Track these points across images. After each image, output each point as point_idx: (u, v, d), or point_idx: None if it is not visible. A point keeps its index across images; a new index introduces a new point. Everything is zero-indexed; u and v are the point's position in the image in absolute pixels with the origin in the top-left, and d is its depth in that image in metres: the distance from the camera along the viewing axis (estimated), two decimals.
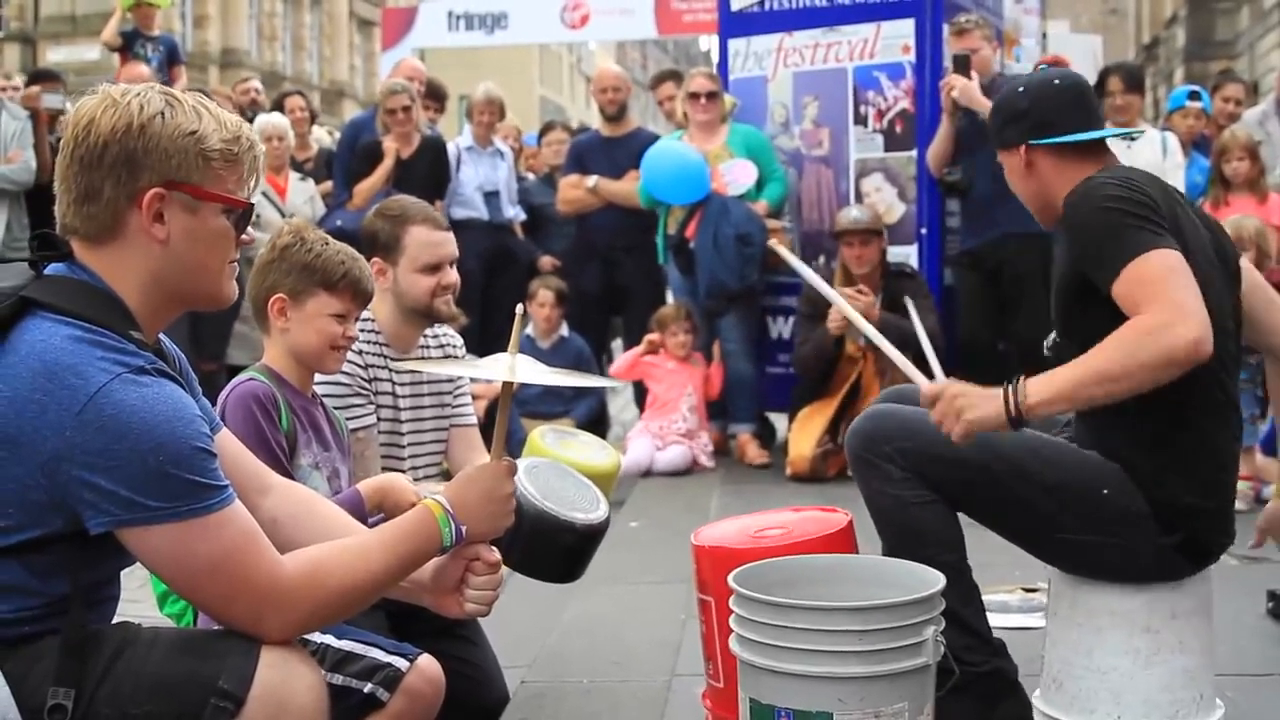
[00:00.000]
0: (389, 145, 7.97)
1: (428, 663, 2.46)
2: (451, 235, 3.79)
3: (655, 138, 7.94)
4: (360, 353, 3.58)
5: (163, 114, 2.05)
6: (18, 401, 1.94)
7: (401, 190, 7.70)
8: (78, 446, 1.91)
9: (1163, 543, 2.90)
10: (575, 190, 8.12)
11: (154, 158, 2.04)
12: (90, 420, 1.91)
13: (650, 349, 7.44)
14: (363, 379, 3.56)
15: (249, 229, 2.21)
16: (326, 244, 3.15)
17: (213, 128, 2.09)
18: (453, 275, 3.71)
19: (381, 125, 8.17)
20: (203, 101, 2.13)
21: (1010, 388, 2.80)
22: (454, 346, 3.94)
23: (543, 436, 3.60)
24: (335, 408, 3.41)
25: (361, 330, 3.62)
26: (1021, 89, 3.20)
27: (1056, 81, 3.19)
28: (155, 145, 2.04)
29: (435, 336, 3.88)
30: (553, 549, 3.02)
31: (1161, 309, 2.70)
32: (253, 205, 2.19)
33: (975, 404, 2.83)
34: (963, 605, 2.98)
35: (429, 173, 8.03)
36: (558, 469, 3.08)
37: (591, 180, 7.96)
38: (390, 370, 3.65)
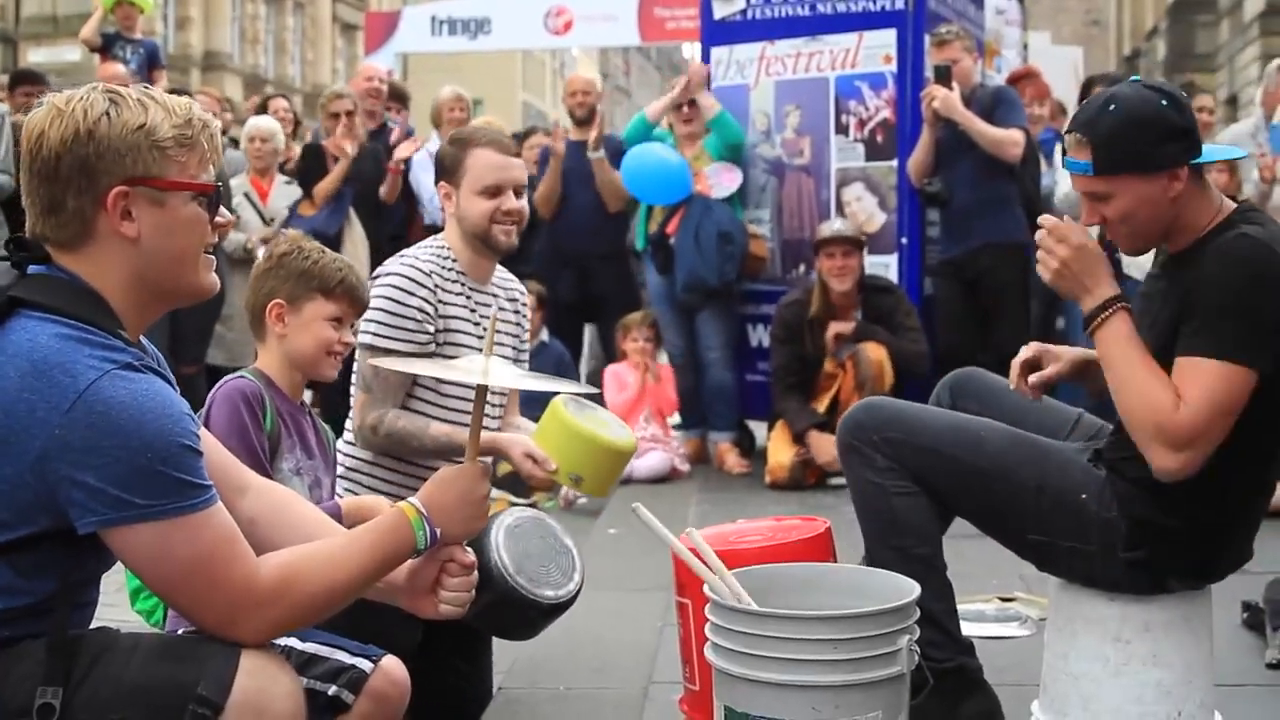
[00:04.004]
0: (336, 145, 8.03)
1: (392, 664, 2.46)
2: (520, 162, 3.75)
3: (623, 140, 7.93)
4: (430, 274, 3.57)
5: (108, 114, 2.04)
6: (6, 401, 1.94)
7: (350, 188, 7.91)
8: (67, 444, 1.92)
9: (1126, 557, 2.92)
10: (542, 187, 8.09)
11: (108, 159, 2.04)
12: (79, 417, 1.92)
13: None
14: (429, 301, 3.55)
15: (223, 211, 2.21)
16: (323, 252, 3.21)
17: (161, 116, 2.07)
18: (514, 202, 3.66)
19: (324, 129, 8.26)
20: (148, 93, 2.11)
21: (1103, 310, 2.84)
22: (521, 293, 3.94)
23: (565, 404, 3.58)
24: (387, 324, 3.44)
25: (438, 257, 3.65)
26: (1165, 102, 2.81)
27: (1184, 95, 2.90)
28: (107, 147, 2.04)
29: (506, 285, 3.85)
30: (515, 620, 3.03)
31: (1188, 422, 2.71)
32: (219, 187, 2.18)
33: (1066, 278, 2.88)
34: (933, 601, 2.99)
35: (374, 171, 8.22)
36: (541, 527, 3.04)
37: (599, 153, 7.91)
38: (474, 303, 3.65)
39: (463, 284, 3.66)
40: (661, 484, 7.13)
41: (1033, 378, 3.13)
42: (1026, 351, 3.17)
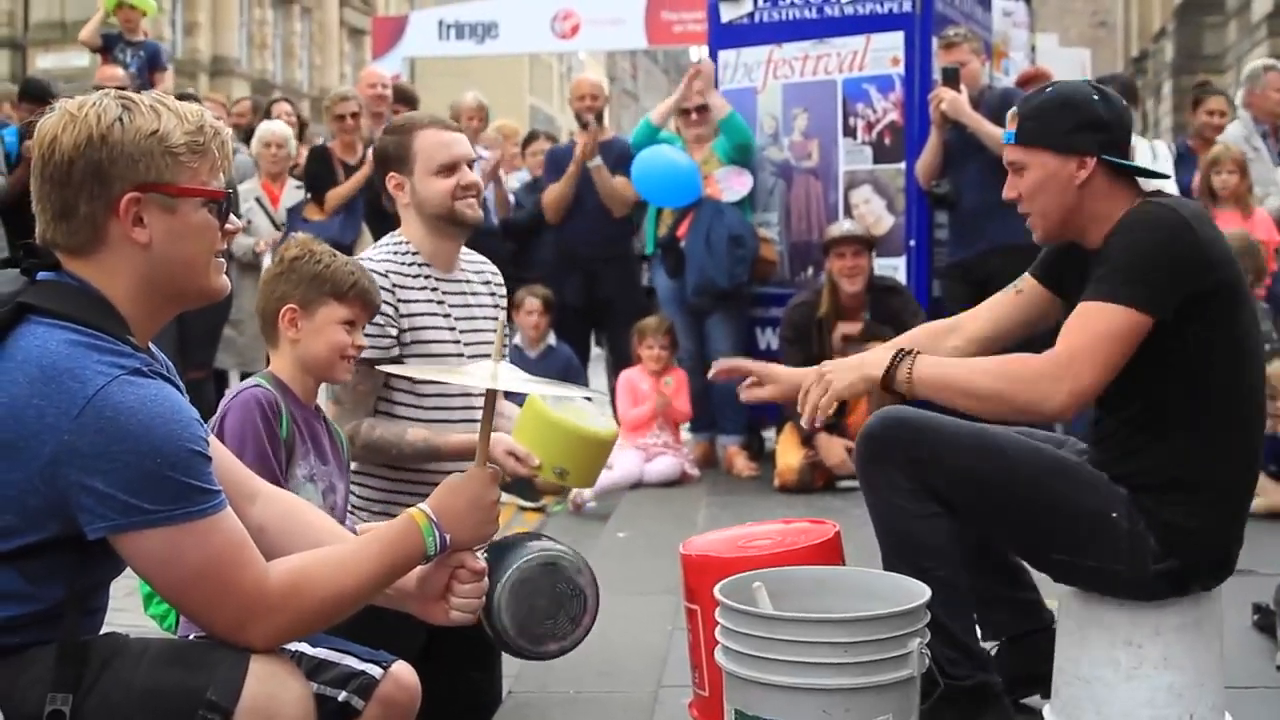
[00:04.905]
0: (346, 146, 8.05)
1: (402, 669, 2.46)
2: (464, 136, 3.70)
3: (629, 144, 7.93)
4: (386, 274, 3.51)
5: (121, 119, 2.05)
6: (16, 407, 1.95)
7: (362, 196, 7.85)
8: (76, 450, 1.92)
9: (1156, 569, 2.92)
10: (555, 192, 8.06)
11: (120, 165, 2.04)
12: (89, 423, 1.92)
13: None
14: (388, 303, 3.48)
15: (233, 218, 2.21)
16: (334, 256, 3.20)
17: (174, 123, 2.08)
18: (471, 175, 3.61)
19: (329, 132, 8.26)
20: (160, 99, 2.12)
21: (902, 358, 2.95)
22: (494, 274, 3.88)
23: (543, 397, 3.56)
24: None
25: (395, 253, 3.60)
26: (1096, 96, 3.03)
27: (1123, 102, 3.09)
28: (120, 152, 2.04)
29: (475, 264, 3.81)
30: (513, 655, 3.02)
31: (1060, 359, 2.82)
32: (230, 193, 2.19)
33: (839, 377, 3.02)
34: (952, 619, 2.99)
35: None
36: (552, 574, 2.96)
37: (596, 161, 7.92)
38: (441, 294, 3.60)
39: (427, 276, 3.61)
40: (671, 488, 7.13)
41: (745, 391, 3.30)
42: (750, 364, 3.38)
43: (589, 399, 3.67)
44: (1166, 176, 6.38)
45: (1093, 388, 2.83)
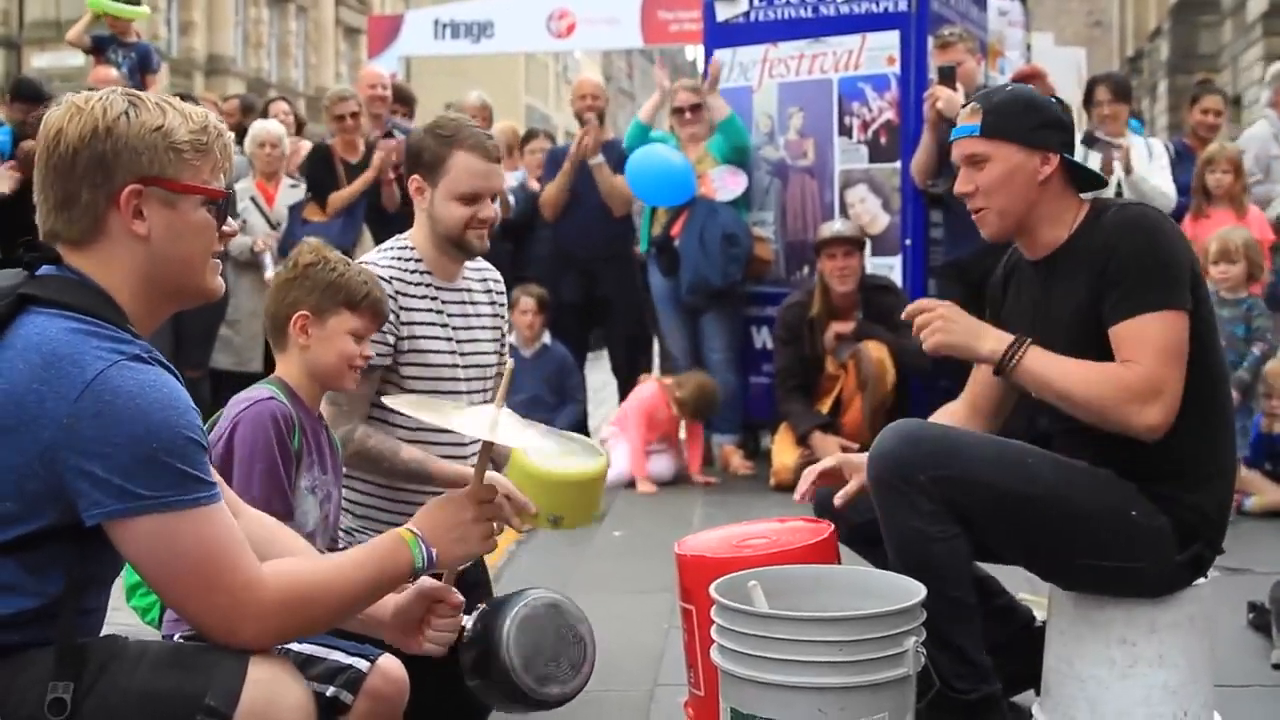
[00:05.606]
0: (346, 145, 8.03)
1: (389, 663, 2.47)
2: (500, 168, 3.65)
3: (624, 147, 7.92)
4: (390, 280, 3.48)
5: (127, 113, 2.07)
6: (16, 393, 1.96)
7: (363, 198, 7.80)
8: (75, 433, 1.93)
9: (1178, 560, 2.93)
10: (551, 190, 8.07)
11: (124, 157, 2.06)
12: (87, 407, 1.93)
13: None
14: (390, 313, 3.44)
15: (230, 220, 2.22)
16: (347, 264, 3.18)
17: (179, 121, 2.10)
18: (490, 210, 3.56)
19: (330, 131, 8.24)
20: (166, 98, 2.15)
21: (1016, 346, 3.00)
22: (496, 281, 3.84)
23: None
24: None
25: (399, 259, 3.58)
26: (1055, 100, 3.17)
27: (1070, 113, 3.20)
28: (124, 145, 2.06)
29: (478, 270, 3.78)
30: (512, 705, 3.01)
31: (1149, 378, 2.86)
32: (231, 194, 2.21)
33: (956, 332, 3.05)
34: (961, 635, 2.99)
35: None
36: (557, 616, 2.96)
37: (598, 158, 7.91)
38: (441, 303, 3.57)
39: (428, 284, 3.59)
40: (666, 486, 7.12)
41: (839, 498, 3.22)
42: (830, 461, 3.33)
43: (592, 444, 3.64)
44: (1105, 184, 6.43)
45: (1179, 396, 2.89)
